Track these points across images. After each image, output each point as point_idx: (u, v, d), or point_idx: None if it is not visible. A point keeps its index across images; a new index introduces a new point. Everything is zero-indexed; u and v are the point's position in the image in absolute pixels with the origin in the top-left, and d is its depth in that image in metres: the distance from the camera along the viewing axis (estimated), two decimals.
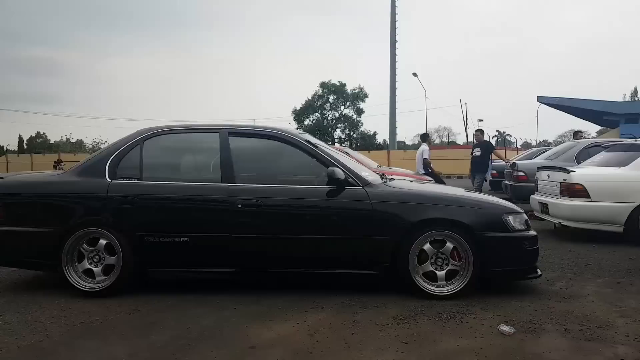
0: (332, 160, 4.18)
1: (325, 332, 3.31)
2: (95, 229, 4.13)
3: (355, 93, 51.83)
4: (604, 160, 7.33)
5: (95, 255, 4.15)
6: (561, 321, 3.47)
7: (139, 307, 3.85)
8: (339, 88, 51.59)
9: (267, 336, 3.24)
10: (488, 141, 11.97)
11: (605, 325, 3.38)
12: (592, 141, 10.07)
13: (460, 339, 3.16)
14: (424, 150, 10.33)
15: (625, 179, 6.51)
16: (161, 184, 4.22)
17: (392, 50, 42.97)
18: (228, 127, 4.42)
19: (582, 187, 6.58)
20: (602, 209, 6.48)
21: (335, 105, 52.56)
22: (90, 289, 4.10)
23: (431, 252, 4.02)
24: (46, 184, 4.40)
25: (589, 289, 4.30)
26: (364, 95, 51.69)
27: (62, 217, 4.18)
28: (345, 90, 51.77)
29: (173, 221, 4.15)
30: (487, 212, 4.14)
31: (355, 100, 51.74)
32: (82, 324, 3.49)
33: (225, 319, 3.59)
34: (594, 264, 5.30)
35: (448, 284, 4.01)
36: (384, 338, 3.19)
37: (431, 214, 4.05)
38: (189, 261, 4.17)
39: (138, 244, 4.09)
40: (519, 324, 3.40)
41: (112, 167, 4.26)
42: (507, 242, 4.06)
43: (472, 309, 3.74)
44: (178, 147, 4.63)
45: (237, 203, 4.02)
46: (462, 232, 3.98)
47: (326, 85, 51.78)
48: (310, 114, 52.23)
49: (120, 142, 4.43)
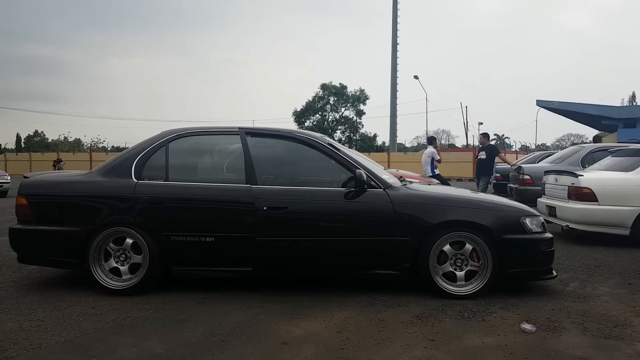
0: (354, 163, 4.28)
1: (352, 329, 3.41)
2: (122, 228, 4.23)
3: (356, 95, 52.02)
4: (611, 165, 7.45)
5: (122, 254, 4.25)
6: (579, 320, 3.59)
7: (166, 304, 3.95)
8: (340, 90, 51.79)
9: (297, 333, 3.34)
10: (493, 145, 12.13)
11: (621, 324, 3.50)
12: (597, 146, 10.20)
13: (485, 336, 3.27)
14: (433, 152, 10.44)
15: (632, 183, 6.64)
16: (188, 185, 4.32)
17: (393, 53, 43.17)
18: (250, 128, 4.52)
19: (590, 191, 6.71)
20: (609, 212, 6.61)
21: (336, 107, 52.77)
22: (117, 287, 4.20)
23: (451, 253, 4.13)
24: (73, 184, 4.49)
25: (602, 290, 4.42)
26: (364, 97, 51.92)
27: (89, 216, 4.27)
28: (346, 92, 51.97)
29: (199, 221, 4.24)
30: (505, 215, 4.25)
31: (355, 102, 51.91)
32: (113, 321, 3.58)
33: (253, 316, 3.69)
34: (604, 266, 5.42)
35: (467, 284, 4.12)
36: (410, 335, 3.30)
37: (451, 216, 4.16)
38: (214, 260, 4.26)
39: (164, 243, 4.18)
40: (538, 323, 3.51)
41: (138, 168, 4.36)
42: (524, 243, 4.17)
43: (492, 308, 3.85)
44: (202, 149, 4.74)
45: (263, 205, 4.12)
46: (481, 234, 4.10)
47: (327, 86, 51.98)
48: (311, 116, 52.41)
49: (145, 144, 4.53)
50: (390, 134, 43.73)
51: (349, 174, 4.27)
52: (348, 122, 52.87)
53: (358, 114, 52.57)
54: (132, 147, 4.64)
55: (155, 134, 4.63)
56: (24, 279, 4.80)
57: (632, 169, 6.86)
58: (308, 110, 52.23)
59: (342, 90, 51.96)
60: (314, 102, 52.52)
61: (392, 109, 43.44)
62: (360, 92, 52.17)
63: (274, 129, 4.73)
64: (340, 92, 51.95)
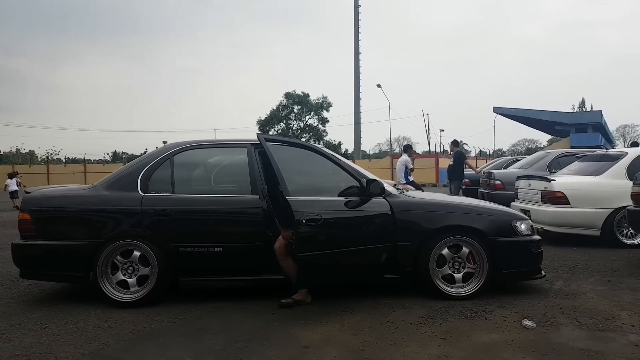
0: (359, 172, 4.47)
1: (366, 331, 3.59)
2: (130, 241, 4.28)
3: (319, 103, 52.47)
4: (579, 170, 7.92)
5: (129, 267, 4.30)
6: (572, 315, 3.88)
7: (178, 315, 4.03)
8: (304, 98, 52.14)
9: (315, 337, 3.50)
10: (460, 151, 12.58)
11: (611, 318, 3.81)
12: (562, 151, 10.77)
13: (491, 333, 3.51)
14: (407, 161, 10.75)
15: (601, 186, 7.09)
16: (195, 197, 4.43)
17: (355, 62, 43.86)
18: (254, 141, 4.66)
19: (562, 195, 7.13)
20: (581, 214, 7.04)
21: (300, 116, 53.06)
22: (125, 300, 4.25)
23: (449, 256, 4.37)
24: (78, 198, 4.51)
25: (586, 287, 4.75)
26: (327, 104, 52.50)
27: (96, 230, 4.30)
28: (310, 101, 52.36)
29: (207, 232, 4.34)
30: (498, 219, 4.54)
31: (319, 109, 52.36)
32: (131, 332, 3.64)
33: (268, 322, 3.82)
34: (581, 265, 5.79)
35: (465, 285, 4.37)
36: (422, 335, 3.50)
37: (449, 221, 4.41)
38: (223, 270, 4.37)
39: (172, 255, 4.26)
40: (536, 319, 3.77)
41: (143, 181, 4.42)
42: (516, 245, 4.46)
43: (490, 307, 4.10)
44: (207, 161, 4.84)
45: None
46: (477, 238, 4.36)
47: (291, 95, 52.28)
48: (276, 124, 52.54)
49: (149, 158, 4.60)
50: (355, 141, 44.33)
51: (349, 183, 4.42)
52: (312, 130, 53.28)
53: (322, 122, 53.08)
54: (135, 161, 4.70)
55: (158, 148, 4.72)
56: (23, 295, 4.77)
57: (600, 173, 7.32)
58: (273, 118, 52.39)
59: (305, 98, 52.37)
60: (278, 110, 52.73)
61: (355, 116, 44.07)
62: (323, 99, 52.71)
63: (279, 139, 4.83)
64: (304, 101, 52.36)
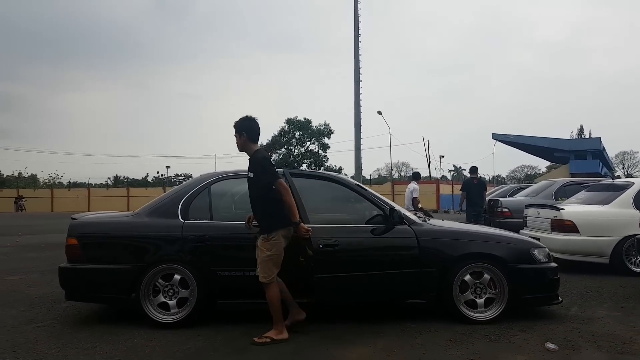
0: (386, 202, 4.76)
1: (398, 352, 3.83)
2: (171, 265, 4.54)
3: (321, 129, 53.06)
4: (587, 199, 8.22)
5: (170, 289, 4.55)
6: (591, 339, 4.12)
7: (218, 335, 4.26)
8: (305, 124, 52.76)
9: (351, 357, 3.73)
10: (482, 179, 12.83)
11: (629, 342, 4.05)
12: (568, 180, 11.09)
13: (517, 354, 3.75)
14: (415, 189, 11.03)
15: (610, 215, 7.38)
16: (231, 224, 4.70)
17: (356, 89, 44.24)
18: (288, 170, 4.95)
19: (571, 223, 7.40)
20: (590, 242, 7.31)
21: (301, 141, 53.59)
22: (167, 321, 4.48)
23: (471, 282, 4.62)
24: (123, 224, 4.79)
25: (601, 313, 4.99)
26: (329, 131, 53.04)
27: (139, 254, 4.57)
28: (311, 127, 52.96)
29: (243, 257, 4.59)
30: (517, 247, 4.81)
31: (320, 136, 52.93)
32: (179, 351, 3.87)
33: (305, 343, 4.05)
34: (594, 292, 6.04)
35: (486, 310, 4.61)
36: (452, 356, 3.73)
37: (471, 249, 4.68)
38: (257, 293, 4.59)
39: (211, 278, 4.51)
40: (557, 342, 4.01)
41: (184, 209, 4.71)
42: (535, 272, 4.72)
43: (512, 331, 4.34)
44: (242, 190, 5.11)
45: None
46: (498, 265, 4.62)
47: (292, 121, 52.91)
48: (277, 150, 52.98)
49: (188, 187, 4.90)
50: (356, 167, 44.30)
51: (373, 212, 4.71)
52: (313, 155, 53.76)
53: (323, 147, 53.60)
54: (174, 190, 4.99)
55: (195, 178, 5.02)
56: (64, 316, 4.99)
57: (608, 202, 7.62)
58: (274, 144, 52.90)
59: (307, 124, 53.02)
60: (279, 136, 53.33)
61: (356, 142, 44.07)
62: (325, 126, 53.34)
63: (310, 171, 5.17)
64: (306, 127, 53.00)
